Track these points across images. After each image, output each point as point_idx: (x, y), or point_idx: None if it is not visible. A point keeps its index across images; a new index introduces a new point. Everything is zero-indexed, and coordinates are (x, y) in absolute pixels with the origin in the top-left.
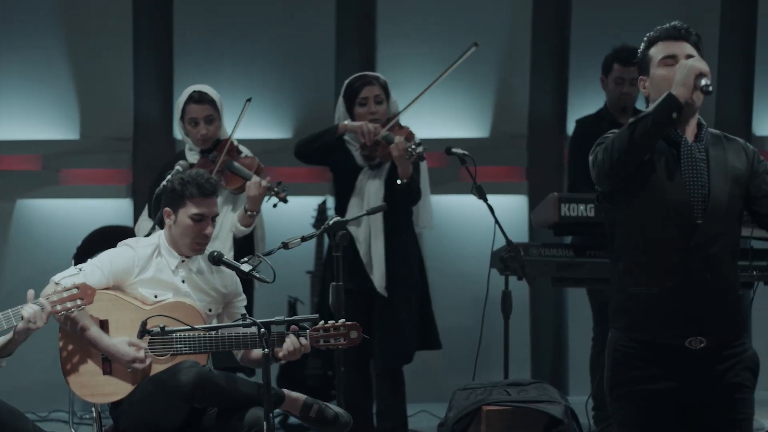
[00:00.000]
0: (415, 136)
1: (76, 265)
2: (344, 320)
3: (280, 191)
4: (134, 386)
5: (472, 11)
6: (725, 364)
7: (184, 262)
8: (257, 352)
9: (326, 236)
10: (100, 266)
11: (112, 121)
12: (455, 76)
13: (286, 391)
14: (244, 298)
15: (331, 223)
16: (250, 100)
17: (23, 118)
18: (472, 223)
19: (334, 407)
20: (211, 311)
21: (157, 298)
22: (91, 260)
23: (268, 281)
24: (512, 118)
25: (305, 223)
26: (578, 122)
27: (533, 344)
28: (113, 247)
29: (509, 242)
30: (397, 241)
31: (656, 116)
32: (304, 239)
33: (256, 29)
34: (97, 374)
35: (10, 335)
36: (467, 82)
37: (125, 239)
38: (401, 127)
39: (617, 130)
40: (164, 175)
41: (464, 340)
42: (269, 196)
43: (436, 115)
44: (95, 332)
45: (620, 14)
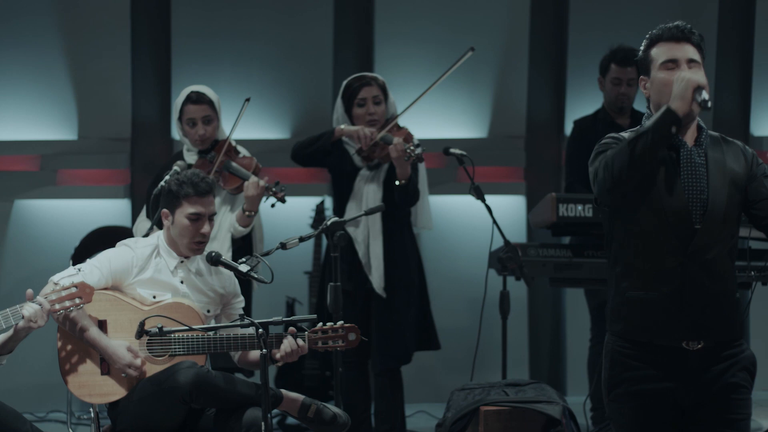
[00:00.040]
0: (413, 137)
1: (74, 265)
2: (343, 322)
3: (278, 191)
4: (132, 387)
5: (470, 12)
6: (722, 364)
7: (183, 262)
8: (255, 353)
9: (324, 237)
10: (99, 266)
11: (110, 121)
12: (453, 76)
13: (284, 391)
14: (242, 299)
15: (329, 223)
16: (248, 99)
17: (21, 118)
18: (470, 223)
19: (332, 407)
20: (209, 312)
21: (155, 298)
22: (89, 260)
23: (266, 281)
24: (510, 118)
25: (303, 223)
26: (576, 123)
27: (531, 344)
28: (111, 247)
29: (507, 242)
30: (395, 241)
31: (656, 132)
32: (302, 239)
33: (253, 30)
34: (95, 374)
35: (10, 333)
36: (465, 82)
37: (123, 239)
38: (399, 128)
39: (615, 134)
40: (162, 175)
41: (462, 340)
42: (267, 196)
43: (434, 115)
44: (94, 333)
45: (618, 15)
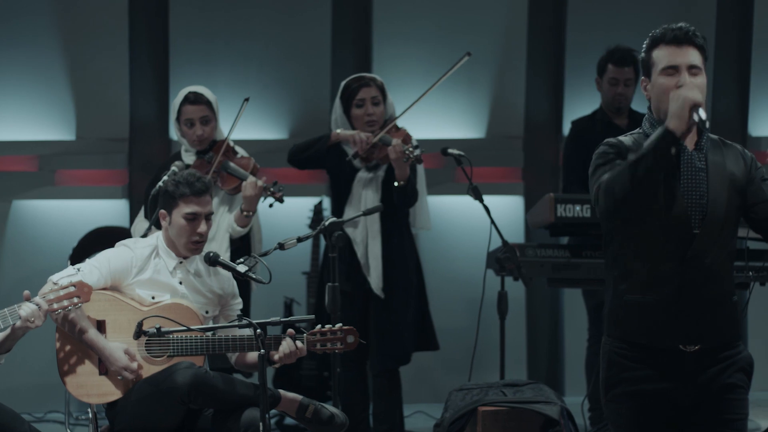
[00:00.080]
0: (412, 138)
1: (72, 265)
2: (341, 324)
3: (276, 191)
4: (130, 387)
5: (468, 12)
6: (719, 366)
7: (182, 263)
8: (252, 355)
9: (322, 237)
10: (98, 266)
11: (108, 122)
12: (452, 77)
13: (282, 391)
14: (240, 301)
15: (327, 223)
16: (247, 99)
17: (19, 118)
18: (468, 223)
19: (330, 408)
20: (207, 313)
21: (154, 299)
22: (89, 260)
23: (264, 282)
24: (508, 118)
25: (301, 224)
26: (574, 123)
27: (529, 345)
28: (109, 247)
29: (505, 243)
30: (394, 242)
31: (656, 155)
32: (300, 240)
33: (252, 30)
34: (93, 374)
35: (7, 332)
36: (463, 83)
37: (121, 240)
38: (398, 129)
39: (613, 139)
40: (160, 176)
41: (460, 340)
42: (265, 196)
43: (432, 115)
44: (92, 334)
45: (616, 15)
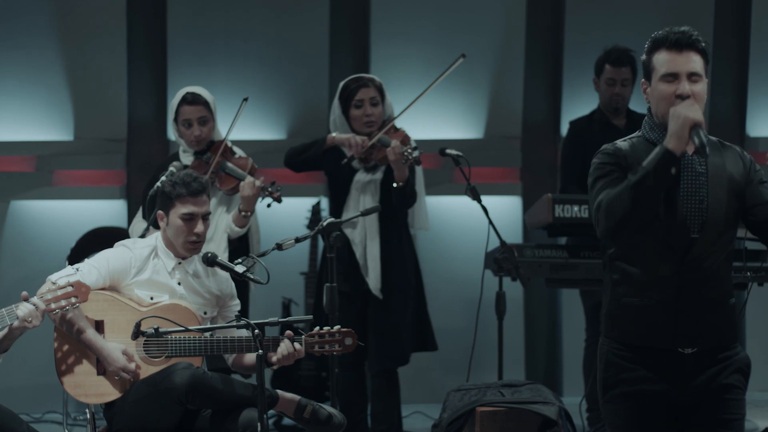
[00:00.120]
0: (410, 139)
1: (71, 266)
2: (339, 327)
3: (274, 191)
4: (128, 387)
5: (466, 12)
6: (717, 367)
7: (180, 264)
8: (249, 357)
9: (320, 237)
10: (97, 266)
11: (106, 122)
12: (449, 77)
13: (280, 392)
14: (238, 302)
15: (325, 224)
16: (246, 99)
17: (17, 119)
18: (466, 224)
19: (328, 408)
20: (206, 314)
21: (153, 299)
22: (88, 260)
23: (262, 282)
24: (506, 119)
25: (299, 224)
26: (572, 123)
27: (527, 345)
28: (107, 248)
29: (503, 243)
30: (392, 243)
31: (656, 175)
32: (298, 240)
33: (249, 30)
34: (91, 374)
35: (5, 332)
36: (461, 83)
37: (119, 240)
38: (397, 129)
39: (611, 147)
40: (158, 176)
41: (458, 341)
42: (263, 196)
43: (430, 116)
44: (91, 334)
45: (614, 16)
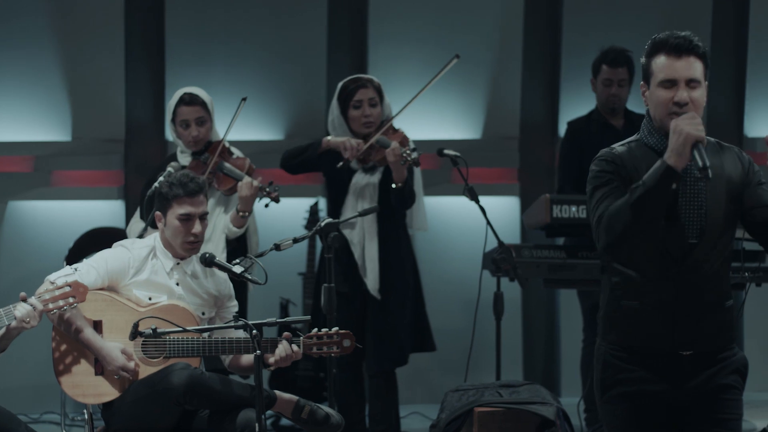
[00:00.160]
0: (409, 140)
1: (68, 266)
2: (338, 328)
3: (272, 191)
4: (126, 388)
5: (463, 13)
6: (714, 367)
7: (179, 264)
8: (246, 358)
9: (318, 238)
10: (95, 266)
11: (104, 122)
12: (447, 78)
13: (278, 392)
14: (236, 303)
15: (323, 224)
16: (245, 99)
17: (15, 119)
18: (463, 224)
19: (325, 408)
20: (204, 315)
21: (151, 300)
22: (86, 260)
23: (260, 283)
24: (504, 119)
25: (297, 224)
26: (569, 124)
27: (525, 345)
28: (105, 248)
29: (501, 243)
30: (391, 244)
31: (657, 191)
32: (296, 241)
33: (247, 31)
34: (89, 374)
35: (2, 332)
36: (459, 83)
37: (117, 241)
38: (395, 130)
39: (608, 153)
40: (156, 177)
41: (456, 341)
42: (261, 196)
43: (427, 116)
44: (89, 334)
45: (612, 16)
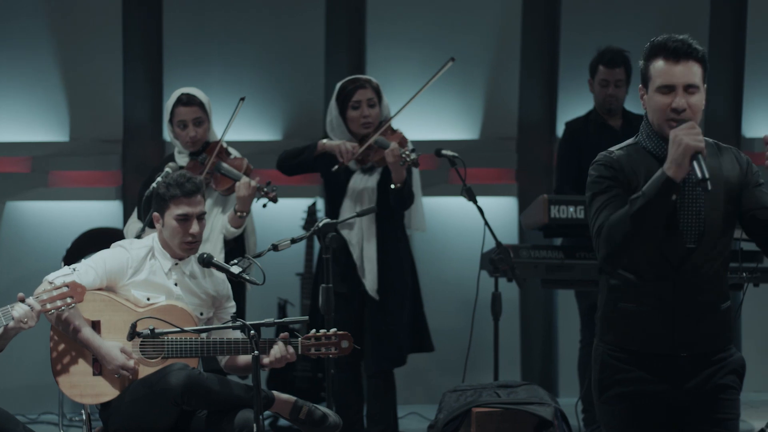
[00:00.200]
0: (408, 140)
1: (68, 266)
2: (336, 329)
3: (269, 191)
4: (124, 388)
5: (461, 13)
6: (712, 368)
7: (177, 264)
8: (242, 358)
9: (316, 238)
10: (94, 266)
11: (101, 123)
12: (445, 78)
13: (275, 393)
14: (233, 304)
15: (320, 225)
16: (243, 99)
17: (13, 120)
18: (461, 225)
19: (323, 409)
20: (202, 315)
21: (149, 300)
22: (84, 260)
23: (257, 283)
24: (502, 120)
25: (295, 224)
26: (567, 124)
27: (523, 346)
28: (103, 248)
29: (499, 244)
30: (389, 244)
31: (657, 203)
32: (293, 241)
33: (245, 31)
34: (87, 374)
35: (0, 332)
36: (457, 84)
37: (115, 241)
38: (393, 131)
39: (606, 157)
40: (154, 177)
41: (454, 341)
42: (259, 196)
43: (425, 117)
44: (88, 333)
45: (610, 16)
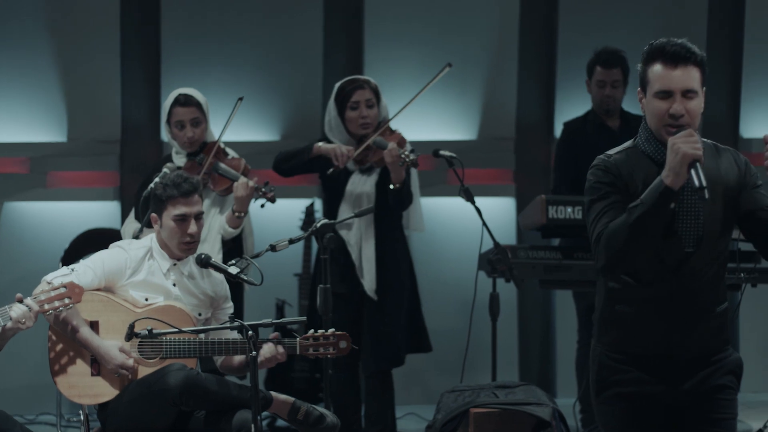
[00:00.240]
0: (406, 141)
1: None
2: (334, 330)
3: (267, 191)
4: (122, 388)
5: (459, 13)
6: (709, 369)
7: (175, 265)
8: (238, 358)
9: (314, 239)
10: (92, 267)
11: (99, 123)
12: (443, 79)
13: (273, 393)
14: (231, 305)
15: (318, 225)
16: (241, 99)
17: (11, 120)
18: (459, 225)
19: (321, 409)
20: (200, 315)
21: (147, 301)
22: (83, 260)
23: (255, 284)
24: (500, 120)
25: (293, 225)
26: (565, 125)
27: (521, 346)
28: (101, 249)
29: (497, 244)
30: (387, 245)
31: (655, 211)
32: (291, 242)
33: (243, 32)
34: (85, 375)
35: None
36: (455, 84)
37: (113, 242)
38: (392, 132)
39: (604, 162)
40: (152, 177)
41: (452, 342)
42: (257, 196)
43: (423, 117)
44: (86, 333)
45: (608, 17)
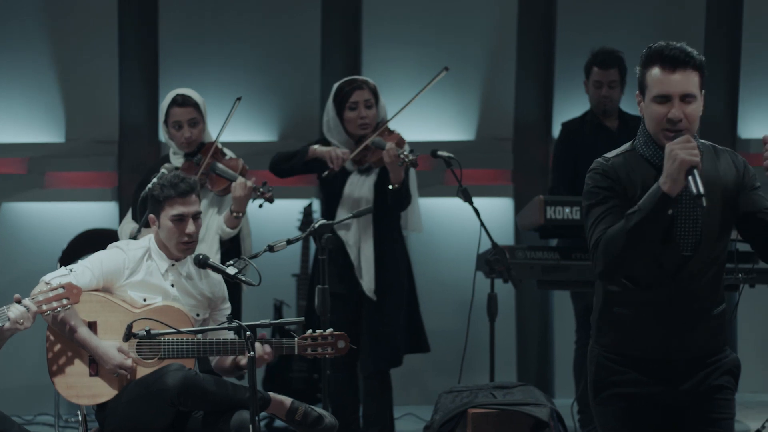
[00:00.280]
0: (405, 141)
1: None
2: (332, 330)
3: (265, 191)
4: (120, 388)
5: (457, 13)
6: (707, 369)
7: (174, 265)
8: (229, 358)
9: (312, 239)
10: (90, 267)
11: (97, 124)
12: (441, 79)
13: (272, 394)
14: (229, 306)
15: (316, 225)
16: (240, 99)
17: (9, 121)
18: (457, 225)
19: (319, 410)
20: (198, 316)
21: (146, 301)
22: (81, 261)
23: (253, 284)
24: (498, 120)
25: (291, 225)
26: (563, 125)
27: (519, 347)
28: (99, 249)
29: (495, 245)
30: (386, 245)
31: (654, 218)
32: (289, 242)
33: (241, 32)
34: (83, 375)
35: None
36: (453, 84)
37: (111, 242)
38: (391, 132)
39: (603, 165)
40: (150, 178)
41: (450, 342)
42: (255, 196)
43: (421, 118)
44: (84, 333)
45: (607, 16)
